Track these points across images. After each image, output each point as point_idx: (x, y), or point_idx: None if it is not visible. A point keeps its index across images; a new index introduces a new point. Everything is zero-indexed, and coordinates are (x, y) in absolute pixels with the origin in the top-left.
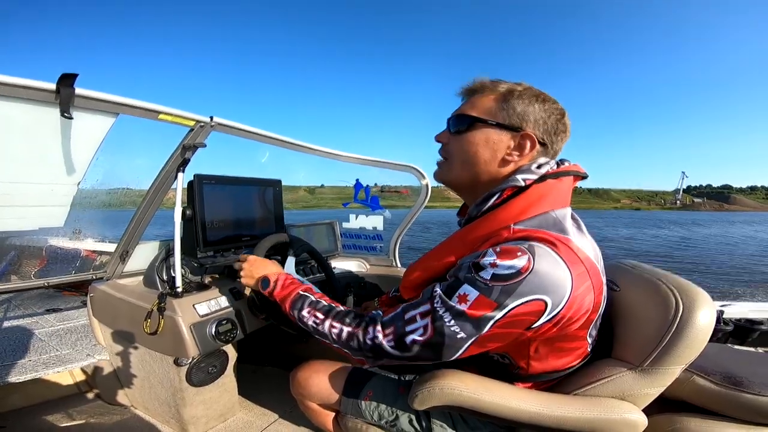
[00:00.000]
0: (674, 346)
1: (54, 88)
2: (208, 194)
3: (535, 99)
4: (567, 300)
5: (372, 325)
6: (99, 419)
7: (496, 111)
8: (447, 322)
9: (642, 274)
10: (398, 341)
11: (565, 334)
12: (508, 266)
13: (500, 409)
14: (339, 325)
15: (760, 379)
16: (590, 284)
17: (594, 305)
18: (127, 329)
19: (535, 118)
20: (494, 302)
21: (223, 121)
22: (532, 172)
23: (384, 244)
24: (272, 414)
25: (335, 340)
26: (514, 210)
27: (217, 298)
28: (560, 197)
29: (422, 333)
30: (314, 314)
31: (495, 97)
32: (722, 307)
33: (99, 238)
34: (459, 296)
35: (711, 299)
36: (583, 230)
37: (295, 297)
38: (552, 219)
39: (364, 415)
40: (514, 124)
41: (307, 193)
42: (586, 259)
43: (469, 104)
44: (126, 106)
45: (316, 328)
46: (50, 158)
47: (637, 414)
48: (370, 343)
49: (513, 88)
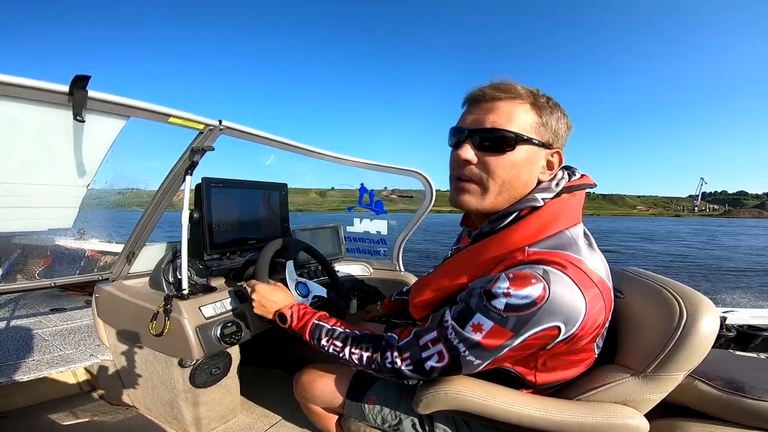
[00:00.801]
0: (677, 353)
1: (67, 90)
2: (216, 197)
3: (561, 112)
4: (581, 323)
5: (389, 351)
6: (101, 419)
7: (538, 127)
8: (462, 352)
9: (646, 281)
10: (417, 366)
11: (574, 348)
12: (523, 296)
13: (504, 414)
14: (358, 352)
15: (762, 385)
16: (603, 305)
17: (604, 320)
18: (132, 330)
19: (562, 134)
20: (510, 332)
21: (232, 124)
22: (551, 190)
23: (388, 248)
24: (274, 416)
25: (357, 364)
26: (529, 230)
27: (222, 301)
28: (573, 214)
29: (438, 360)
30: (333, 343)
31: (531, 108)
32: (725, 313)
33: (104, 239)
34: (473, 326)
35: (714, 307)
36: (594, 247)
37: (312, 327)
38: (566, 240)
39: (368, 418)
40: (550, 141)
41: (318, 195)
42: (600, 280)
43: (501, 115)
44: (137, 109)
45: (337, 355)
46: (61, 160)
47: (639, 419)
48: (390, 366)
49: (543, 101)
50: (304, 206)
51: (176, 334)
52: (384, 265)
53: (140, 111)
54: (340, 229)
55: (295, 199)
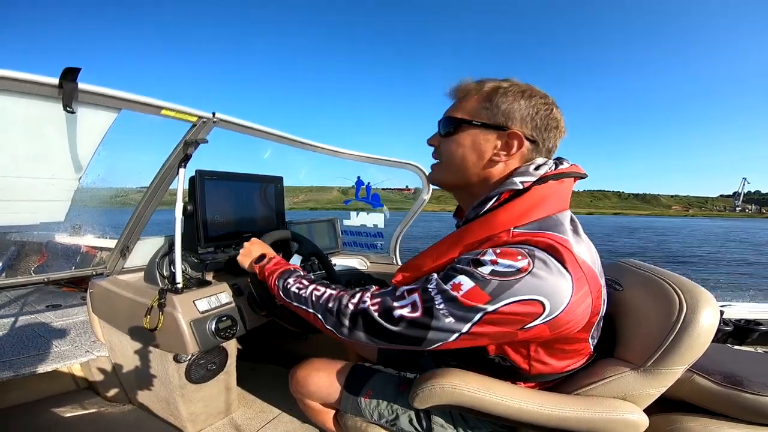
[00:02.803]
0: (677, 347)
1: (56, 82)
2: (210, 190)
3: (521, 95)
4: (566, 305)
5: (362, 293)
6: (97, 415)
7: (481, 110)
8: (437, 303)
9: (645, 273)
10: (386, 312)
11: (565, 337)
12: (508, 265)
13: (501, 409)
14: (323, 289)
15: (760, 379)
16: (588, 289)
17: (593, 309)
18: (127, 325)
19: (522, 115)
20: (488, 295)
21: (225, 117)
22: (530, 174)
23: (384, 241)
24: (271, 411)
25: (314, 303)
26: (514, 212)
27: (217, 295)
28: (560, 200)
29: (411, 310)
30: (300, 282)
31: (480, 96)
32: (722, 307)
33: (99, 234)
34: (453, 284)
35: (714, 299)
36: (581, 233)
37: (284, 270)
38: (552, 223)
39: (364, 413)
40: (500, 123)
41: (340, 193)
42: (584, 263)
43: (456, 106)
44: (129, 102)
45: (297, 293)
46: (52, 153)
47: (638, 414)
48: (353, 308)
49: (498, 85)
50: (328, 204)
51: (170, 329)
52: (381, 258)
53: (132, 103)
54: (336, 223)
55: (320, 197)
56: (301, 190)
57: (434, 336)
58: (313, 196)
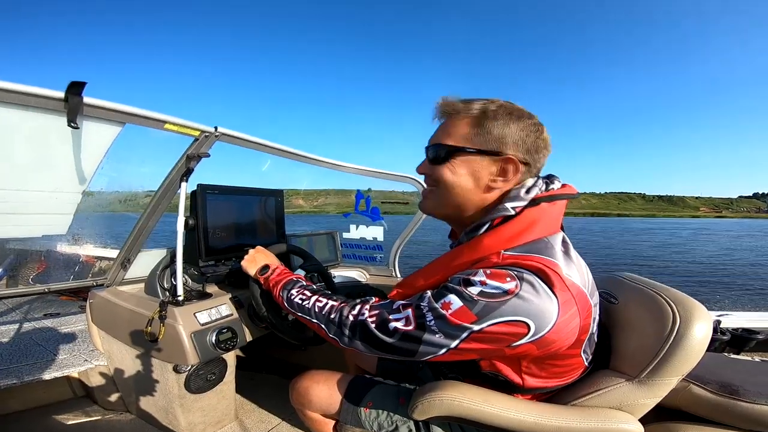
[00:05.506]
0: (671, 358)
1: (62, 96)
2: (211, 204)
3: (510, 117)
4: (552, 326)
5: (362, 305)
6: (95, 424)
7: (473, 136)
8: (428, 320)
9: (639, 286)
10: (381, 324)
11: (555, 354)
12: (496, 286)
13: (499, 420)
14: (325, 300)
15: (756, 388)
16: (576, 310)
17: (581, 328)
18: (127, 336)
19: (514, 139)
20: (475, 315)
21: (228, 131)
22: (521, 198)
23: (384, 254)
24: (269, 421)
25: (316, 314)
26: (504, 236)
27: (217, 307)
28: (552, 222)
29: (405, 323)
30: (302, 293)
31: (469, 120)
32: (719, 317)
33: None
34: (443, 303)
35: (707, 312)
36: (572, 255)
37: (288, 280)
38: (542, 245)
39: (364, 425)
40: (494, 148)
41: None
42: (573, 285)
43: (444, 131)
44: (133, 116)
45: (301, 305)
46: (55, 166)
47: (633, 424)
48: (353, 319)
49: (486, 107)
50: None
51: (171, 340)
52: (380, 271)
53: (136, 117)
54: (336, 236)
55: (340, 200)
56: (319, 194)
57: (425, 349)
58: (332, 200)
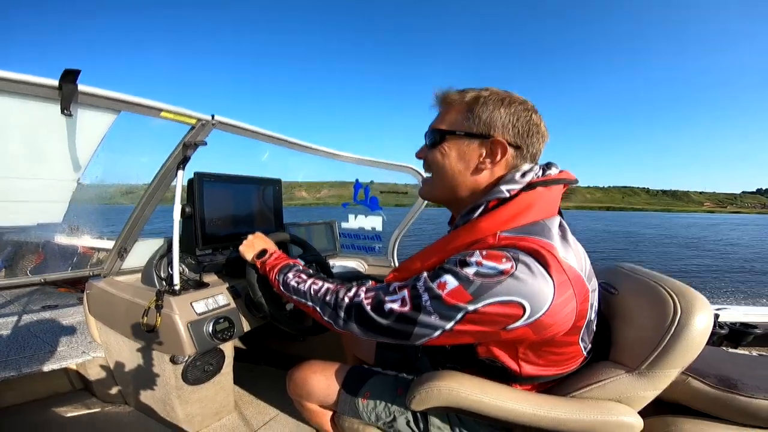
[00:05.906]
0: (672, 350)
1: (56, 84)
2: (208, 192)
3: (500, 103)
4: (547, 308)
5: (358, 287)
6: (93, 416)
7: (463, 121)
8: (424, 300)
9: (640, 277)
10: (377, 305)
11: (552, 340)
12: (491, 266)
13: (497, 411)
14: (321, 283)
15: (754, 382)
16: (572, 293)
17: (578, 313)
18: (124, 326)
19: (503, 122)
20: (470, 295)
21: (225, 119)
22: (516, 181)
23: (383, 244)
24: (268, 413)
25: (312, 296)
26: (500, 218)
27: (215, 296)
28: (549, 206)
29: (400, 304)
30: (299, 276)
31: (461, 107)
32: (717, 310)
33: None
34: (439, 283)
35: (708, 303)
36: (569, 239)
37: (285, 264)
38: (539, 228)
39: (362, 415)
40: (482, 131)
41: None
42: (570, 268)
43: (440, 118)
44: (128, 104)
45: (296, 287)
46: (50, 154)
47: (633, 416)
48: (348, 301)
49: (478, 95)
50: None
51: (168, 331)
52: (379, 261)
53: (131, 105)
54: (334, 225)
55: (343, 192)
56: (322, 185)
57: (420, 331)
58: (336, 191)
